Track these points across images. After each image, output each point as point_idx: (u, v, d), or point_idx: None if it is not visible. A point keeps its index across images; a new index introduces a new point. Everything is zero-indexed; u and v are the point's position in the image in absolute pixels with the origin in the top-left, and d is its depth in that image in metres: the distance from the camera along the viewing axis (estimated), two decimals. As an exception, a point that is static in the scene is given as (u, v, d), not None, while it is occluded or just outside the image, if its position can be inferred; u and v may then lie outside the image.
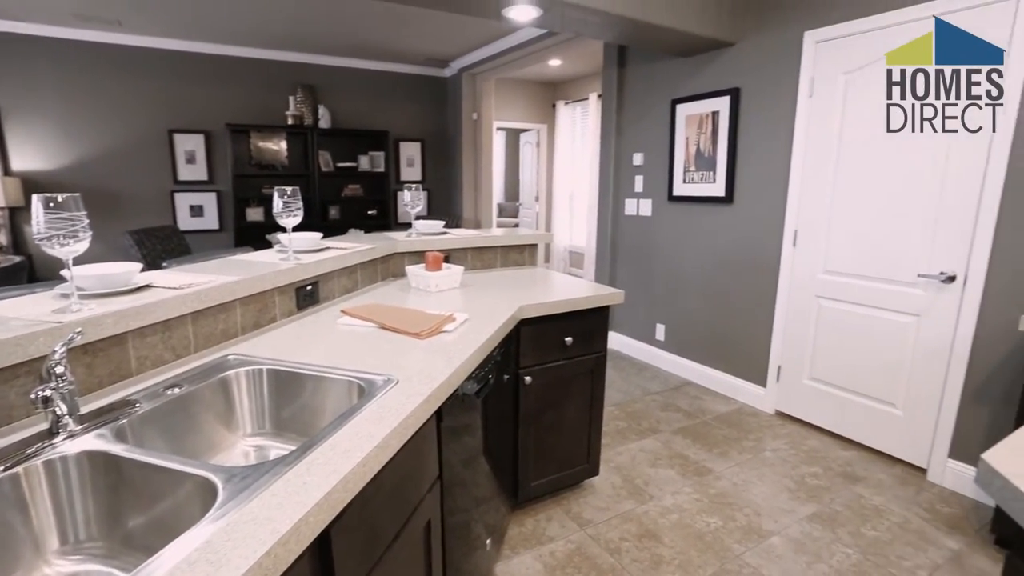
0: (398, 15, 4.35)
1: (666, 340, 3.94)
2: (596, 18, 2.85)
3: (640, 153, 4.01)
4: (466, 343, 1.45)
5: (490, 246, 2.67)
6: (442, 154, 6.81)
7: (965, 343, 2.37)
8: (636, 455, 2.70)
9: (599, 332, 2.15)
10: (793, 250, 3.03)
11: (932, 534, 2.13)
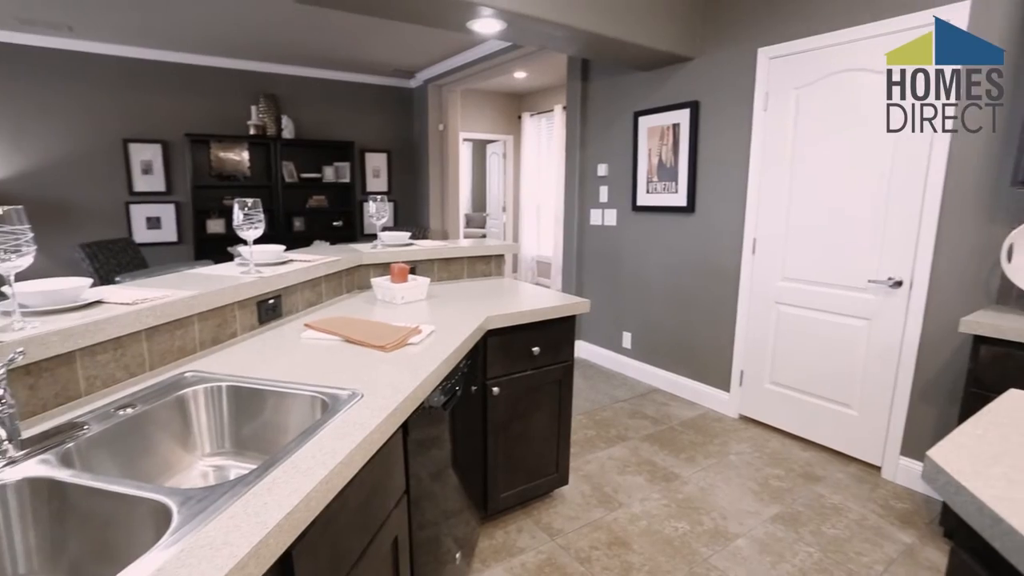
0: (363, 26, 4.33)
1: (633, 348, 4.00)
2: (559, 32, 2.90)
3: (604, 164, 4.08)
4: (432, 355, 1.44)
5: (456, 257, 2.67)
6: (409, 165, 6.78)
7: (912, 345, 2.48)
8: (605, 463, 2.73)
9: (566, 341, 2.17)
10: (752, 258, 3.13)
11: (887, 529, 2.21)
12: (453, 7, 2.52)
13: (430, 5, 2.50)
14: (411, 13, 2.64)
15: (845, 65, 2.63)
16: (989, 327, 1.89)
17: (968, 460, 0.91)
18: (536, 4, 2.63)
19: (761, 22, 2.97)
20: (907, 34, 2.40)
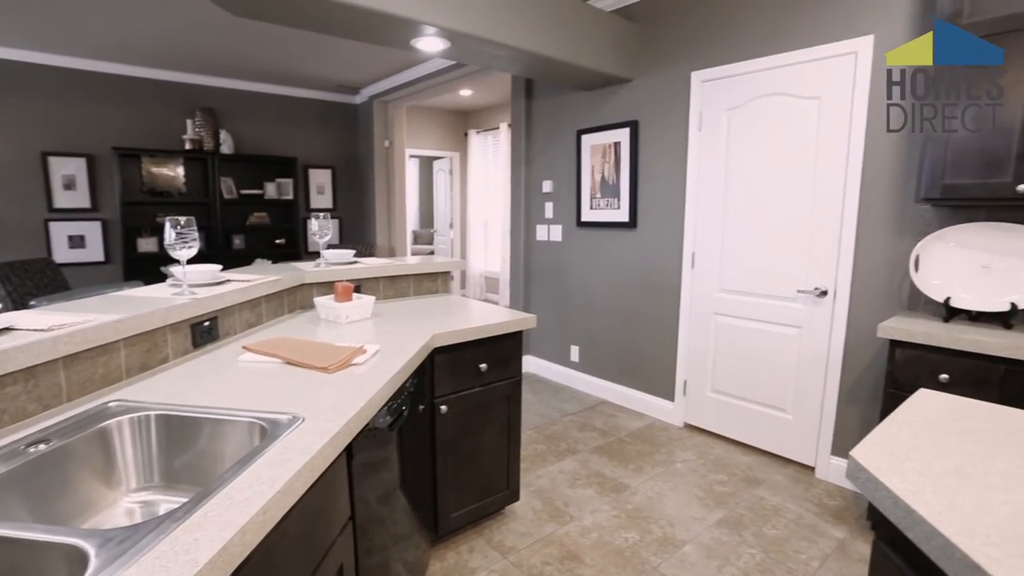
0: (306, 41, 4.27)
1: (580, 361, 4.06)
2: (502, 52, 2.95)
3: (549, 181, 4.16)
4: (378, 375, 1.42)
5: (402, 275, 2.64)
6: (354, 181, 6.68)
7: (838, 351, 2.64)
8: (556, 477, 2.74)
9: (513, 357, 2.18)
10: (692, 271, 3.25)
11: (822, 526, 2.33)
12: (396, 25, 2.53)
13: (373, 23, 2.49)
14: (354, 30, 2.63)
15: (770, 89, 2.81)
16: (902, 331, 2.04)
17: (885, 457, 0.98)
18: (479, 24, 2.67)
19: (693, 48, 3.14)
20: (822, 62, 2.60)
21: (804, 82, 2.67)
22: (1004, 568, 0.66)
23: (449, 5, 2.55)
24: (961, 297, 2.15)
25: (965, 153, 2.00)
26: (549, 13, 2.98)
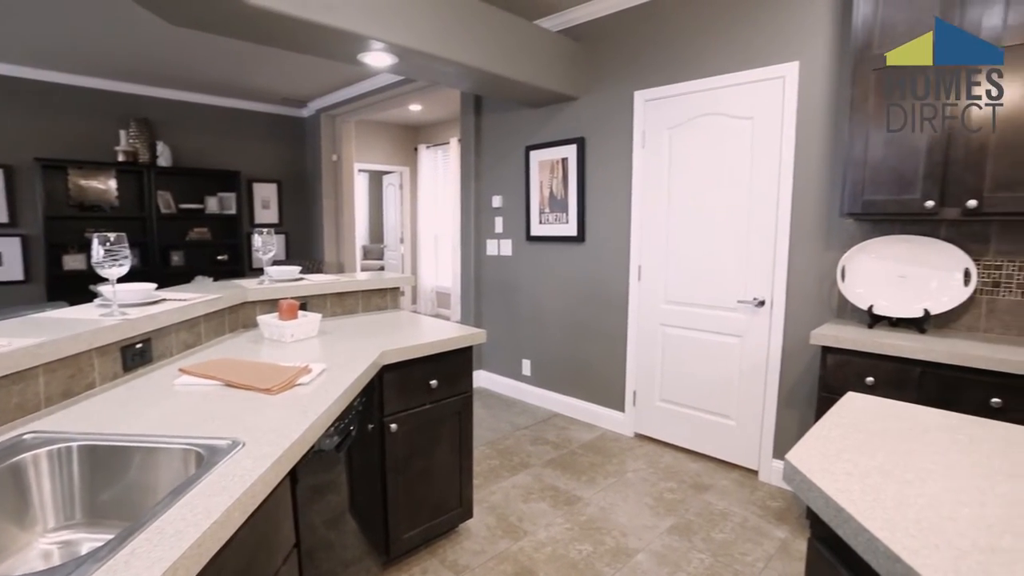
0: (250, 52, 4.16)
1: (532, 374, 4.08)
2: (450, 68, 2.98)
3: (499, 196, 4.20)
4: (324, 395, 1.38)
5: (351, 291, 2.59)
6: (301, 196, 6.52)
7: (776, 358, 2.77)
8: (509, 492, 2.73)
9: (464, 372, 2.17)
10: (638, 283, 3.35)
11: (765, 528, 2.41)
12: (343, 40, 2.51)
13: (319, 36, 2.47)
14: (300, 43, 2.59)
15: (708, 109, 2.95)
16: (832, 338, 2.16)
17: (817, 459, 1.03)
18: (427, 41, 2.69)
19: (636, 68, 3.26)
20: (754, 85, 2.75)
21: (739, 103, 2.82)
22: (919, 557, 0.71)
23: (397, 21, 2.56)
24: (882, 304, 2.30)
25: (881, 172, 2.16)
26: (496, 31, 3.03)
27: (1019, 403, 1.78)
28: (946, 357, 1.90)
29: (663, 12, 3.10)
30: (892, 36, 2.09)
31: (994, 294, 2.19)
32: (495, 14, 3.04)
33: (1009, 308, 2.16)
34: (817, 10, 2.54)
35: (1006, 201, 1.91)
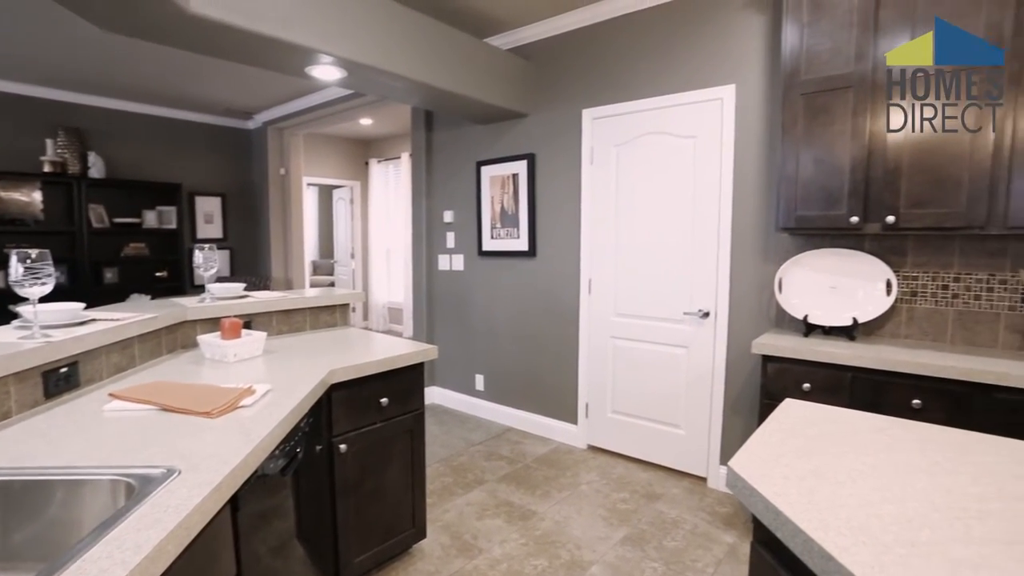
0: (193, 62, 4.02)
1: (485, 389, 4.07)
2: (400, 83, 2.97)
3: (450, 211, 4.20)
4: (268, 417, 1.34)
5: (298, 308, 2.52)
6: (247, 210, 6.32)
7: (721, 367, 2.87)
8: (463, 510, 2.70)
9: (415, 389, 2.14)
10: (589, 297, 3.41)
11: (714, 533, 2.48)
12: (290, 52, 2.47)
13: (265, 49, 2.42)
14: (245, 55, 2.53)
15: (653, 128, 3.06)
16: (771, 347, 2.26)
17: (757, 465, 1.07)
18: (377, 55, 2.68)
19: (584, 87, 3.35)
20: (696, 105, 2.88)
21: (682, 122, 2.94)
22: (850, 554, 0.75)
23: (346, 35, 2.54)
24: (816, 314, 2.43)
25: (811, 189, 2.29)
26: (446, 48, 3.05)
27: (936, 403, 1.92)
28: (873, 363, 2.02)
29: (610, 34, 3.21)
30: (816, 64, 2.25)
31: (912, 303, 2.36)
32: (445, 31, 3.06)
33: (925, 315, 2.33)
34: (751, 38, 2.70)
35: (918, 217, 2.07)
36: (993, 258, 2.18)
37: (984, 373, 1.83)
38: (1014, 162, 1.90)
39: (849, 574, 0.71)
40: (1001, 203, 1.92)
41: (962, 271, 2.25)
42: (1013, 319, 2.16)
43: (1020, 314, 2.15)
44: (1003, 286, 2.18)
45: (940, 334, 2.31)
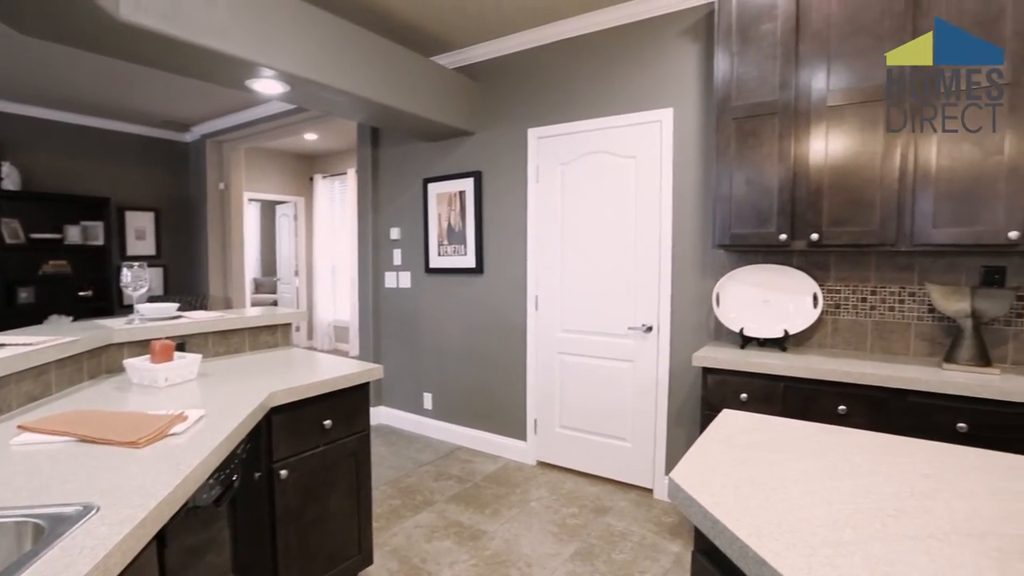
0: (124, 70, 3.83)
1: (434, 408, 4.02)
2: (345, 99, 2.94)
3: (397, 228, 4.16)
4: (201, 444, 1.27)
5: (236, 328, 2.42)
6: (183, 226, 6.03)
7: (664, 380, 2.96)
8: (412, 532, 2.64)
9: (360, 410, 2.09)
10: (536, 313, 3.44)
11: (661, 544, 2.53)
12: (229, 65, 2.40)
13: (203, 60, 2.34)
14: (182, 66, 2.44)
15: (596, 148, 3.15)
16: (710, 359, 2.35)
17: (696, 475, 1.11)
18: (320, 70, 2.65)
19: (530, 107, 3.42)
20: (637, 127, 3.00)
21: (623, 143, 3.05)
22: (781, 558, 0.78)
23: (288, 48, 2.50)
24: (751, 327, 2.55)
25: (744, 208, 2.42)
26: (393, 65, 3.05)
27: (859, 409, 2.04)
28: (802, 372, 2.14)
29: (554, 57, 3.30)
30: (745, 91, 2.39)
31: (836, 315, 2.52)
32: (391, 48, 3.06)
33: (848, 327, 2.50)
34: (687, 64, 2.84)
35: (838, 235, 2.23)
36: (903, 272, 2.37)
37: (898, 379, 1.97)
38: (916, 186, 2.07)
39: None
40: (908, 223, 2.09)
41: (878, 285, 2.43)
42: (921, 328, 2.35)
43: (927, 324, 2.34)
44: (912, 298, 2.36)
45: (861, 343, 2.47)
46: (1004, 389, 1.82)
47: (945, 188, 2.02)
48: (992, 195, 1.94)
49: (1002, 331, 2.20)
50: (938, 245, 2.06)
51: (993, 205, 1.94)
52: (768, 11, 2.32)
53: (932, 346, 2.33)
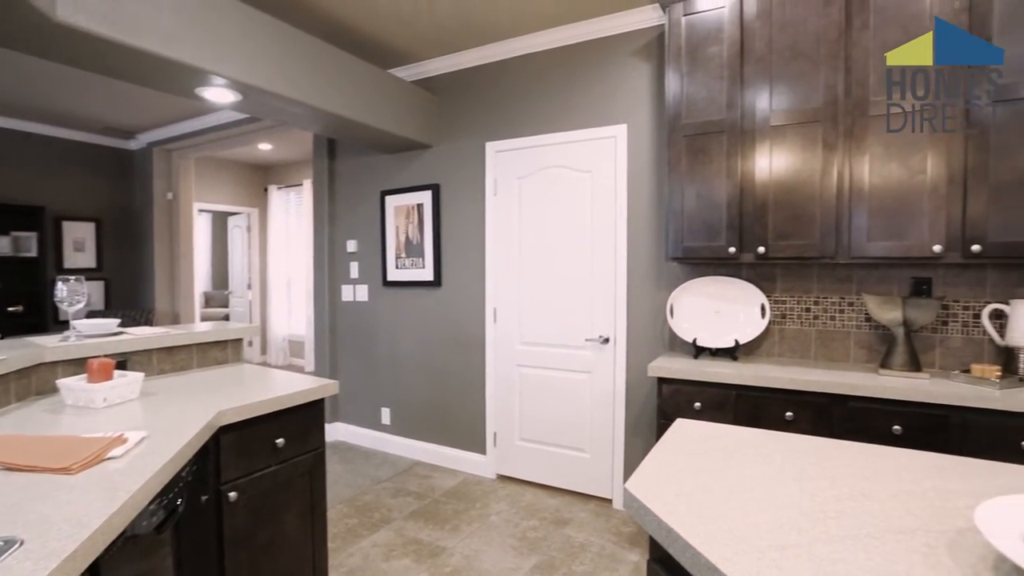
0: (63, 73, 3.65)
1: (392, 423, 3.95)
2: (300, 110, 2.90)
3: (354, 240, 4.10)
4: (142, 468, 1.21)
5: (183, 344, 2.32)
6: (127, 237, 5.77)
7: (621, 391, 3.01)
8: (369, 552, 2.57)
9: (315, 427, 2.04)
10: (494, 326, 3.45)
11: (620, 554, 2.55)
12: (179, 72, 2.33)
13: (150, 66, 2.26)
14: (127, 72, 2.36)
15: (554, 162, 3.20)
16: (665, 369, 2.41)
17: (651, 485, 1.13)
18: (274, 80, 2.60)
19: (487, 121, 3.45)
20: (593, 142, 3.07)
21: (579, 157, 3.11)
22: (731, 563, 0.80)
23: (239, 57, 2.44)
24: (703, 337, 2.63)
25: (695, 222, 2.51)
26: (350, 77, 3.03)
27: (804, 414, 2.13)
28: (752, 380, 2.22)
29: (512, 72, 3.35)
30: (695, 109, 2.49)
31: (783, 324, 2.63)
32: (348, 59, 3.04)
33: (794, 335, 2.61)
34: (640, 82, 2.93)
35: (783, 248, 2.33)
36: (843, 284, 2.50)
37: (839, 385, 2.07)
38: (852, 203, 2.20)
39: (730, 582, 0.77)
40: (845, 237, 2.21)
41: (820, 295, 2.55)
42: (860, 336, 2.48)
43: (865, 332, 2.47)
44: (851, 308, 2.49)
45: (805, 351, 2.58)
46: (932, 392, 1.94)
47: (877, 204, 2.15)
48: (918, 212, 2.08)
49: (930, 338, 2.35)
50: (872, 258, 2.19)
51: (919, 221, 2.08)
52: (715, 35, 2.43)
53: (870, 353, 2.45)
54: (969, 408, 1.89)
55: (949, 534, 0.88)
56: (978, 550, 0.82)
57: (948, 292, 2.31)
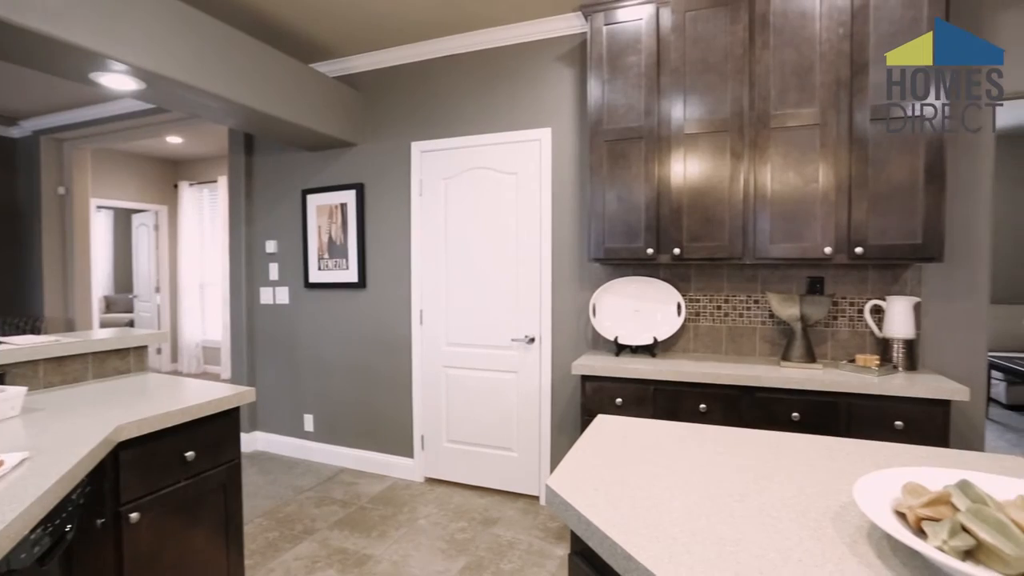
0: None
1: (316, 430, 3.81)
2: (214, 103, 2.74)
3: (274, 241, 3.92)
4: (20, 494, 1.09)
5: (75, 354, 2.12)
6: (8, 236, 5.20)
7: (547, 389, 3.07)
8: (291, 566, 2.46)
9: (229, 438, 1.93)
10: (421, 327, 3.41)
11: (548, 549, 2.60)
12: (69, 54, 2.13)
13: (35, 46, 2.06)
14: (7, 51, 2.12)
15: (479, 164, 3.21)
16: (587, 367, 2.48)
17: (571, 480, 1.16)
18: (183, 69, 2.44)
19: (413, 121, 3.41)
20: (517, 145, 3.11)
21: (505, 160, 3.14)
22: (645, 552, 0.84)
23: (141, 42, 2.27)
24: (624, 335, 2.73)
25: (616, 224, 2.60)
26: (268, 69, 2.89)
27: (716, 406, 2.27)
28: (669, 375, 2.33)
29: (437, 72, 3.32)
30: (615, 116, 2.58)
31: (697, 321, 2.78)
32: (267, 51, 2.90)
33: (707, 332, 2.77)
34: (564, 87, 3.00)
35: (696, 250, 2.47)
36: (749, 283, 2.69)
37: (746, 377, 2.23)
38: (757, 207, 2.37)
39: (645, 569, 0.80)
40: (751, 239, 2.38)
41: (730, 294, 2.72)
42: (764, 331, 2.67)
43: (769, 327, 2.67)
44: (757, 305, 2.68)
45: (717, 347, 2.75)
46: (824, 381, 2.13)
47: (778, 209, 2.33)
48: (812, 216, 2.28)
49: (823, 332, 2.58)
50: (774, 259, 2.37)
51: (813, 225, 2.28)
52: (634, 45, 2.54)
53: (773, 347, 2.65)
54: (854, 394, 2.09)
55: (834, 508, 0.97)
56: (856, 521, 0.91)
57: (838, 290, 2.54)
